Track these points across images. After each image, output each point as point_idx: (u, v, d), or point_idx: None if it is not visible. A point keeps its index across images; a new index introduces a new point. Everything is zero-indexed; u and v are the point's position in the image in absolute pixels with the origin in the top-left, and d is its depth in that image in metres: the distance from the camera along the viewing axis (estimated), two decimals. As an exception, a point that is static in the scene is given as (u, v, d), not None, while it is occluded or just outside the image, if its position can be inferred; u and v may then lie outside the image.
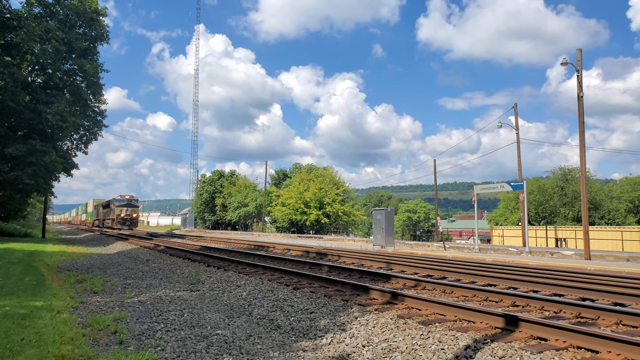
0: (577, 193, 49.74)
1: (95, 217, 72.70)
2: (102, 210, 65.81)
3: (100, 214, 67.22)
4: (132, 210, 57.00)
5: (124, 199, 56.91)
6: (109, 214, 59.71)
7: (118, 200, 56.39)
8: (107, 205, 62.79)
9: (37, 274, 12.49)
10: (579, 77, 20.97)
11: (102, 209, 66.93)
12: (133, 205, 57.75)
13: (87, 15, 32.80)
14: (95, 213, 72.28)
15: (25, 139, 30.36)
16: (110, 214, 58.83)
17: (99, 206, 69.97)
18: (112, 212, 56.88)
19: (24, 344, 5.43)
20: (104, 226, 63.54)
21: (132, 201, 57.83)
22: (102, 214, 66.02)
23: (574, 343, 5.32)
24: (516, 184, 25.60)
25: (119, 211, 55.09)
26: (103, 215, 64.91)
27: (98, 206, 71.63)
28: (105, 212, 62.71)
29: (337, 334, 6.23)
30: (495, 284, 10.34)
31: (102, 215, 65.92)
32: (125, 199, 56.86)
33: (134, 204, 58.06)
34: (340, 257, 16.82)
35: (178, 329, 6.61)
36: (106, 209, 63.22)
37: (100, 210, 67.75)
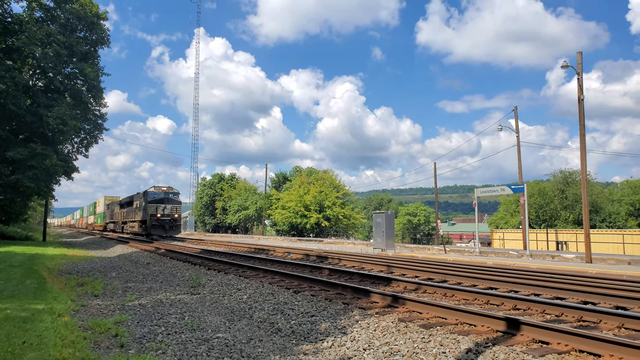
0: (577, 196, 49.71)
1: (109, 219, 58.86)
2: (120, 210, 51.77)
3: (117, 214, 53.04)
4: (173, 208, 39.61)
5: (159, 191, 40.07)
6: (133, 214, 44.31)
7: (151, 194, 39.48)
8: (130, 202, 47.12)
9: (38, 277, 12.48)
10: (579, 80, 20.98)
11: (118, 208, 53.16)
12: (174, 200, 40.17)
13: (87, 19, 32.85)
14: (109, 214, 59.03)
15: (26, 142, 30.38)
16: (135, 214, 43.27)
17: (114, 205, 56.86)
18: (141, 212, 40.82)
19: (26, 347, 5.42)
20: (124, 231, 48.78)
21: (172, 195, 40.61)
22: (120, 215, 51.48)
23: (576, 347, 5.31)
24: (517, 187, 25.58)
25: (152, 209, 38.41)
26: (123, 216, 49.81)
27: (113, 205, 58.12)
28: (127, 212, 47.48)
29: (338, 337, 6.22)
30: (496, 287, 10.33)
31: (120, 217, 51.36)
32: (161, 191, 39.99)
33: (174, 198, 40.58)
34: (340, 260, 16.80)
35: (179, 332, 6.60)
36: (128, 208, 47.86)
37: (117, 211, 54.03)
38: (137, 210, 43.05)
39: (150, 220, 37.95)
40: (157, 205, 38.59)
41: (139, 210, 41.66)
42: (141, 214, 40.62)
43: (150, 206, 38.40)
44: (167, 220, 38.81)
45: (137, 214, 42.55)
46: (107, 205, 61.22)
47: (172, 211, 39.55)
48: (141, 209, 40.77)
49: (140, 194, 42.43)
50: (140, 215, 40.88)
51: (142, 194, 41.04)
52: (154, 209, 38.40)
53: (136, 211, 43.24)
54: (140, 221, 41.49)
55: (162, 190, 40.24)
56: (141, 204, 41.00)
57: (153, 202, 38.59)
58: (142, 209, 40.48)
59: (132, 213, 44.95)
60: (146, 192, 39.89)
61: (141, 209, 40.77)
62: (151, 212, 38.23)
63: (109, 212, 59.23)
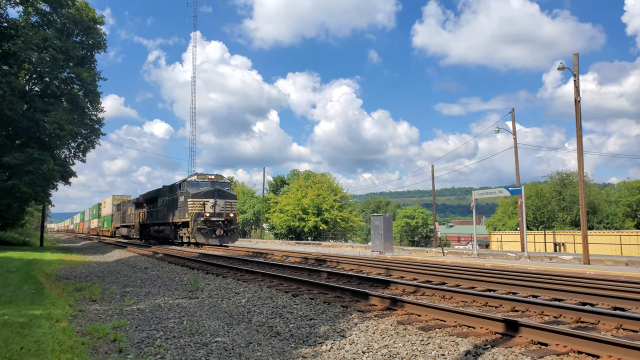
0: (575, 197, 49.85)
1: (120, 222, 48.95)
2: (138, 211, 41.34)
3: (133, 216, 42.93)
4: (228, 204, 29.09)
5: (205, 180, 29.72)
6: (161, 214, 34.03)
7: (193, 185, 29.10)
8: (153, 199, 36.87)
9: (35, 282, 12.45)
10: (575, 81, 21.05)
11: (134, 208, 43.03)
12: (227, 193, 29.69)
13: (84, 24, 32.84)
14: (120, 216, 49.17)
15: (23, 147, 30.30)
16: (165, 214, 32.98)
17: (128, 205, 46.40)
18: (175, 211, 30.52)
19: (23, 352, 5.40)
20: (144, 237, 39.27)
21: (224, 186, 30.21)
22: (137, 217, 41.10)
23: (574, 348, 5.31)
24: (514, 189, 25.64)
25: (197, 207, 27.85)
26: (142, 218, 39.77)
27: (125, 205, 47.78)
28: (150, 213, 37.30)
29: (337, 340, 6.21)
30: (495, 289, 10.33)
31: (137, 219, 41.07)
32: (207, 180, 29.68)
33: (228, 191, 30.14)
34: (339, 263, 16.80)
35: (177, 336, 6.59)
36: (151, 207, 37.39)
37: (131, 212, 44.07)
38: (167, 209, 32.55)
39: (195, 223, 27.30)
40: (205, 200, 27.99)
41: (173, 208, 31.07)
42: (177, 214, 30.21)
43: (194, 202, 27.89)
44: (220, 222, 27.92)
45: (169, 214, 31.88)
46: (117, 206, 51.50)
47: (227, 209, 28.67)
48: (176, 206, 30.37)
49: (174, 185, 32.01)
50: (176, 215, 30.40)
51: (178, 186, 30.80)
52: (199, 207, 27.76)
53: (166, 211, 32.76)
54: (173, 224, 31.22)
55: (209, 180, 29.49)
56: (175, 200, 30.68)
57: (197, 197, 28.06)
58: (177, 207, 30.12)
59: (160, 213, 34.62)
60: (186, 182, 29.55)
61: (176, 206, 30.37)
62: (196, 210, 27.71)
63: (120, 213, 49.36)
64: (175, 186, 31.99)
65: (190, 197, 28.28)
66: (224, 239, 28.07)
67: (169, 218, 32.10)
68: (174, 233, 31.51)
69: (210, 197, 28.35)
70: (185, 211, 28.83)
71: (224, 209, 28.72)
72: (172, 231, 31.77)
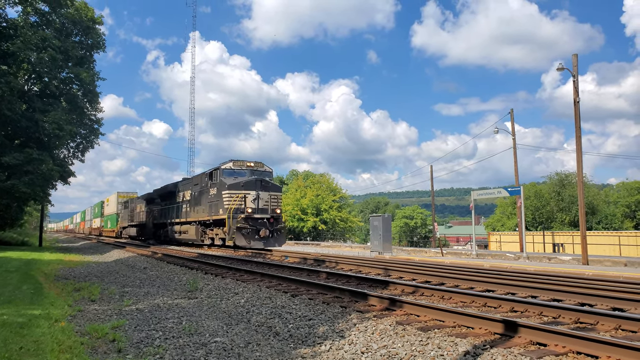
0: (573, 198, 49.86)
1: (127, 222, 44.56)
2: (150, 208, 37.18)
3: (143, 214, 39.00)
4: (273, 198, 24.18)
5: (244, 168, 24.82)
6: (185, 211, 29.12)
7: (228, 173, 24.42)
8: (170, 193, 32.73)
9: (34, 282, 12.44)
10: (575, 82, 21.07)
11: (144, 205, 38.83)
12: (271, 185, 24.78)
13: (83, 24, 32.84)
14: (127, 215, 44.78)
15: (22, 147, 30.29)
16: (191, 210, 28.07)
17: (137, 202, 42.24)
18: (206, 206, 25.76)
19: (23, 352, 5.40)
20: (163, 238, 34.31)
21: (267, 175, 25.29)
22: (151, 215, 36.90)
23: (573, 348, 5.32)
24: (513, 190, 25.66)
25: (235, 200, 23.11)
26: (156, 217, 35.52)
27: (133, 202, 43.41)
28: (168, 210, 32.58)
29: (335, 340, 6.22)
30: (494, 289, 10.34)
31: (151, 217, 36.81)
32: (246, 169, 24.79)
33: (272, 182, 25.17)
34: (338, 263, 16.79)
35: (176, 336, 6.59)
36: (168, 203, 32.98)
37: (140, 209, 40.19)
38: (191, 205, 27.95)
39: (234, 222, 22.55)
40: (246, 193, 23.11)
41: (199, 204, 26.64)
42: (206, 211, 25.55)
43: (231, 195, 23.09)
44: (265, 220, 23.25)
45: (194, 211, 27.42)
46: (124, 204, 46.96)
47: (273, 204, 23.83)
48: (205, 201, 25.93)
49: (202, 175, 27.19)
50: (204, 212, 25.77)
51: (207, 176, 25.91)
52: (239, 201, 22.94)
53: (190, 207, 28.16)
54: (200, 223, 26.67)
55: (247, 167, 24.63)
56: (203, 193, 26.14)
57: (235, 188, 23.27)
58: (207, 201, 25.61)
59: (179, 211, 29.91)
60: (219, 170, 24.53)
61: (205, 201, 25.93)
62: (234, 205, 22.83)
63: (127, 212, 44.86)
64: (202, 176, 26.95)
65: (227, 189, 23.29)
66: (269, 242, 23.21)
67: (194, 215, 27.41)
68: (201, 234, 26.73)
69: (251, 188, 23.31)
70: (218, 206, 23.90)
71: (269, 203, 23.66)
72: (198, 231, 26.89)
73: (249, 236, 22.73)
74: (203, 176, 27.14)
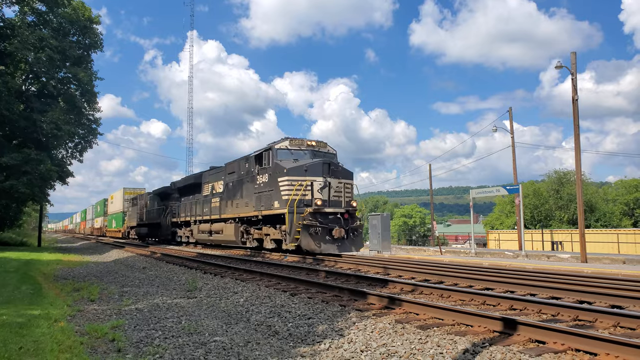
0: (572, 196, 49.93)
1: (136, 221, 40.53)
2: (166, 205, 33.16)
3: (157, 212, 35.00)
4: (347, 188, 19.42)
5: (303, 148, 20.05)
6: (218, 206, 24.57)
7: (285, 154, 19.62)
8: (195, 185, 28.69)
9: (33, 282, 12.43)
10: (573, 80, 21.08)
11: (158, 202, 35.39)
12: (343, 170, 19.78)
13: (80, 24, 32.79)
14: (136, 213, 40.65)
15: (20, 147, 30.27)
16: (227, 204, 23.46)
17: (149, 198, 38.31)
18: (253, 199, 20.93)
19: (22, 352, 5.40)
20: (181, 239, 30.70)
21: (333, 158, 20.56)
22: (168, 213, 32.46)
23: (572, 345, 5.33)
24: (512, 188, 25.67)
25: (302, 190, 18.23)
26: (175, 214, 31.25)
27: (144, 199, 39.57)
28: (190, 206, 28.54)
29: (335, 339, 6.22)
30: (493, 287, 10.35)
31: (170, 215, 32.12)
32: (307, 149, 20.07)
33: (342, 167, 19.98)
34: (337, 262, 16.80)
35: (176, 336, 6.59)
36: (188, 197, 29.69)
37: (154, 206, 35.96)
38: (228, 197, 23.23)
39: (299, 217, 17.77)
40: (312, 180, 18.21)
41: (245, 195, 21.52)
42: (252, 204, 20.73)
43: (292, 183, 18.21)
44: (339, 215, 18.52)
45: (234, 204, 22.42)
46: (131, 201, 43.16)
47: (346, 195, 19.15)
48: (249, 191, 21.07)
49: (246, 159, 21.92)
50: (251, 205, 20.81)
51: (255, 159, 20.86)
52: (304, 190, 18.12)
53: (226, 200, 23.42)
54: (242, 221, 21.98)
55: (308, 148, 19.84)
56: (247, 181, 21.34)
57: (296, 173, 18.34)
58: (254, 191, 20.62)
59: (212, 205, 25.14)
60: (272, 150, 19.44)
61: (249, 191, 21.07)
62: (296, 195, 17.94)
63: (136, 209, 40.83)
64: (242, 162, 22.14)
65: (285, 175, 18.36)
66: (344, 245, 18.62)
67: (231, 211, 22.71)
68: (241, 233, 22.15)
69: (317, 174, 18.29)
70: (272, 198, 19.11)
71: (342, 194, 18.83)
72: (238, 231, 22.16)
73: (318, 237, 17.94)
74: (242, 162, 22.42)
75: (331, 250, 18.37)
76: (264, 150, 20.42)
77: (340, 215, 18.71)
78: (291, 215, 17.98)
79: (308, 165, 18.67)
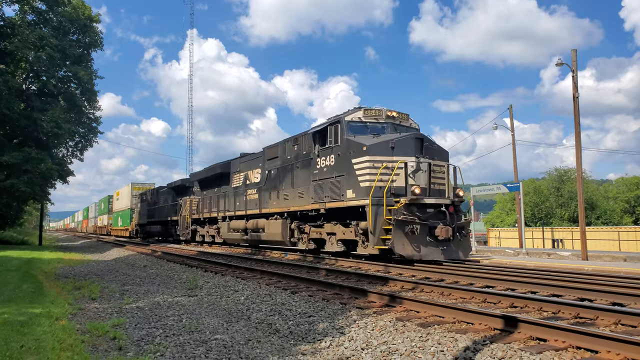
0: (572, 194, 49.92)
1: (146, 218, 38.14)
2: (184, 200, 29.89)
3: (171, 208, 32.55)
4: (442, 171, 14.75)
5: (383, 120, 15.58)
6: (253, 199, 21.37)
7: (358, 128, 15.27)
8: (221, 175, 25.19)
9: (34, 281, 12.45)
10: (574, 77, 21.05)
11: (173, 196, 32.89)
12: (438, 148, 15.32)
13: (80, 22, 32.74)
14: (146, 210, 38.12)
15: (21, 146, 30.27)
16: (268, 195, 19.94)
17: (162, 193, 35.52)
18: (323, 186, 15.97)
19: (24, 351, 5.41)
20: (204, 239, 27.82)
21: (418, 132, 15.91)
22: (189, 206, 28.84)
23: (573, 343, 5.32)
24: (512, 186, 25.65)
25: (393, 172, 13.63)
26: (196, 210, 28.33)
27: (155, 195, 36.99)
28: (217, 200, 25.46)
29: (336, 337, 6.23)
30: (493, 285, 10.35)
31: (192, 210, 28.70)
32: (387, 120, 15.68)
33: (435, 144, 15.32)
34: (337, 260, 16.80)
35: (177, 334, 6.60)
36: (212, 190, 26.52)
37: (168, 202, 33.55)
38: (273, 187, 19.54)
39: (391, 212, 13.50)
40: (405, 160, 14.07)
41: (298, 183, 17.81)
42: (310, 194, 16.86)
43: (373, 164, 14.16)
44: (444, 208, 14.26)
45: (282, 195, 18.77)
46: (141, 196, 40.30)
47: (446, 181, 14.87)
48: (308, 178, 17.11)
49: (301, 137, 17.95)
50: (308, 196, 17.01)
51: (314, 136, 16.97)
52: (396, 172, 13.94)
53: (272, 191, 19.57)
54: (292, 216, 18.43)
55: (388, 119, 15.85)
56: (299, 164, 17.69)
57: (380, 152, 14.27)
58: (314, 177, 16.73)
59: (246, 198, 21.97)
60: (341, 123, 15.53)
61: (308, 178, 17.11)
62: (381, 181, 13.90)
63: (145, 206, 38.48)
64: (298, 141, 18.10)
65: (365, 154, 14.19)
66: (449, 248, 14.20)
67: (277, 204, 19.09)
68: (291, 232, 18.53)
69: (407, 152, 14.08)
70: (344, 185, 14.89)
71: (445, 180, 14.73)
72: (286, 228, 18.54)
73: (416, 238, 13.45)
74: (289, 144, 18.72)
75: (434, 255, 13.86)
76: (328, 124, 16.19)
77: (445, 208, 14.17)
78: (376, 208, 13.63)
79: (396, 141, 14.16)
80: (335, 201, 15.67)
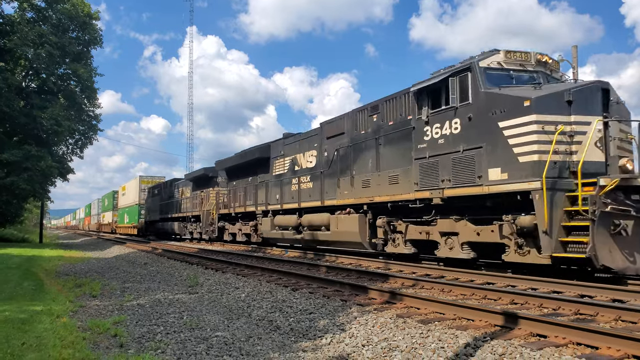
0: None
1: (158, 215, 34.93)
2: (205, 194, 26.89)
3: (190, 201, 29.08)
4: None
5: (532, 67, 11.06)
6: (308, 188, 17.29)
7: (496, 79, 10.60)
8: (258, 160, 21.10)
9: (35, 278, 12.45)
10: (574, 74, 20.99)
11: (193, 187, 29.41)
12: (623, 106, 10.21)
13: (79, 20, 32.64)
14: (156, 205, 35.35)
15: (21, 144, 30.22)
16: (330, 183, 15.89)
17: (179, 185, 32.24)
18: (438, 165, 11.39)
19: (25, 348, 5.42)
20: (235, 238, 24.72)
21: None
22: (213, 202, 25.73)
23: (573, 339, 5.34)
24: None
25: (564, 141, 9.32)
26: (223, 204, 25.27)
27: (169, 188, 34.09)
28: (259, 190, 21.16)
29: (336, 334, 6.24)
30: (494, 282, 10.35)
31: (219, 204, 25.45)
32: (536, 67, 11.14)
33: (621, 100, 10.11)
34: (338, 257, 16.80)
35: (178, 331, 6.61)
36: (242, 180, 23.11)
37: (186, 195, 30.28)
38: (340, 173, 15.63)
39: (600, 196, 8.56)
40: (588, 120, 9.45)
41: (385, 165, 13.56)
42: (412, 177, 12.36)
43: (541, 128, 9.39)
44: None
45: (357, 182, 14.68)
46: (150, 191, 37.36)
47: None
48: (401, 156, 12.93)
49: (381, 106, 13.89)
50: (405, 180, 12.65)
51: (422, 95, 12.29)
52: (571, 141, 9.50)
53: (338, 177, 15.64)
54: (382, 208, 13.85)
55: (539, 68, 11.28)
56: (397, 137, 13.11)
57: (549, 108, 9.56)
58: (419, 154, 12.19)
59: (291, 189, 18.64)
60: (474, 69, 10.79)
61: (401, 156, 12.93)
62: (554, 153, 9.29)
63: (156, 200, 35.27)
64: (397, 102, 13.46)
65: (527, 114, 9.71)
66: None
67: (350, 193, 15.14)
68: (370, 232, 14.60)
69: (591, 110, 9.75)
70: (483, 161, 10.58)
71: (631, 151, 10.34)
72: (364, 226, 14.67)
73: (629, 241, 9.10)
74: (359, 114, 15.05)
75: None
76: (449, 74, 11.48)
77: None
78: (551, 194, 9.34)
79: (574, 92, 9.74)
80: (464, 186, 11.01)
